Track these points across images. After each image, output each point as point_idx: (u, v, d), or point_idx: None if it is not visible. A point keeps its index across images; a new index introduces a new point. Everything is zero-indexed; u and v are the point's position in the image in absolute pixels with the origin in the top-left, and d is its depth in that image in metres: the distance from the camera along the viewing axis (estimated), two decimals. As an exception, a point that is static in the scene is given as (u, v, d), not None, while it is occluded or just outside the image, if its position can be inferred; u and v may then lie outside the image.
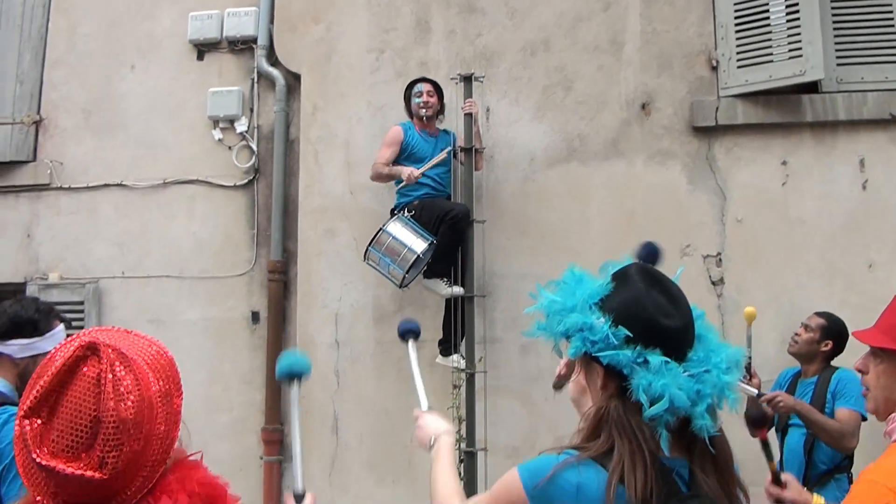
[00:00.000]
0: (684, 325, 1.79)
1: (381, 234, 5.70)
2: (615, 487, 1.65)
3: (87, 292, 7.07)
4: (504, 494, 1.82)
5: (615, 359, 1.74)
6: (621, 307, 1.78)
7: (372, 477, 6.19)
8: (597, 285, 1.85)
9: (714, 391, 1.74)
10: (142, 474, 1.49)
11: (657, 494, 1.64)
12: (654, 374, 1.70)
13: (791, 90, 5.83)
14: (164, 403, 1.55)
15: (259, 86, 7.07)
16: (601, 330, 1.76)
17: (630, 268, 1.88)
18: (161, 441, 1.52)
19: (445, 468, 2.21)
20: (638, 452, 1.67)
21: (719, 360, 1.78)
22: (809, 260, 5.73)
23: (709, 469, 1.75)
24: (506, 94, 6.25)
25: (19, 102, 7.58)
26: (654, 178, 5.96)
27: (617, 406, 1.74)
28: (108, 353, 1.49)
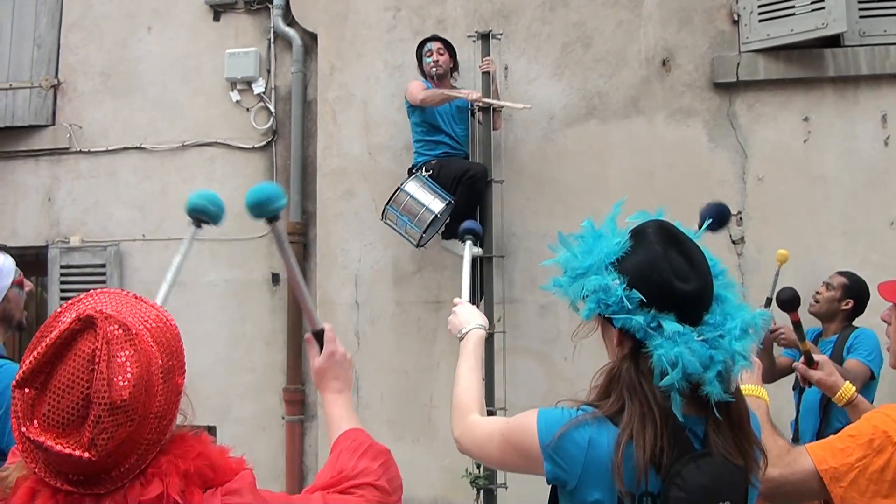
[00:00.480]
0: (700, 289, 1.75)
1: (399, 193, 5.68)
2: (625, 446, 1.65)
3: (109, 255, 7.13)
4: (518, 435, 1.83)
5: (628, 322, 1.72)
6: (636, 269, 1.75)
7: (391, 435, 6.23)
8: (614, 244, 1.81)
9: (726, 357, 1.71)
10: (136, 453, 1.42)
11: (668, 453, 1.65)
12: (667, 340, 1.68)
13: (813, 44, 5.73)
14: (165, 381, 1.46)
15: (276, 46, 7.05)
16: (615, 293, 1.73)
17: (648, 226, 1.83)
18: (158, 420, 1.44)
19: (469, 367, 2.24)
20: (648, 414, 1.67)
21: (733, 326, 1.74)
22: (830, 218, 5.68)
23: (723, 426, 1.73)
24: (524, 52, 6.19)
25: (37, 66, 7.60)
26: (675, 136, 5.90)
27: (629, 368, 1.73)
28: (107, 327, 1.40)
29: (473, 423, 2.05)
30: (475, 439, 2.01)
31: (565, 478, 1.72)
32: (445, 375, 6.10)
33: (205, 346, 6.87)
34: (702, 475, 1.65)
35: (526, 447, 1.79)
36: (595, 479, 1.69)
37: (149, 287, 7.12)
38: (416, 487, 6.18)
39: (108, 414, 1.35)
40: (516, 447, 1.84)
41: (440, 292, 6.19)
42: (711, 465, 1.68)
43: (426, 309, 6.24)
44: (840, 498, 1.98)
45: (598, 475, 1.68)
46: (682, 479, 1.64)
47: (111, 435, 1.35)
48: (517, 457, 1.84)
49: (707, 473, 1.66)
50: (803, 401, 4.64)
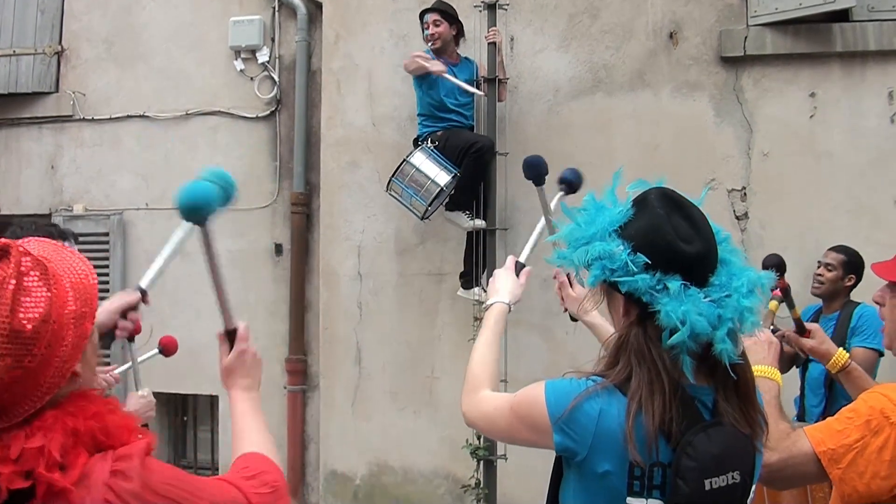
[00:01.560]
0: (705, 251, 1.76)
1: (405, 165, 5.67)
2: (634, 415, 1.65)
3: (112, 224, 7.14)
4: (526, 408, 1.83)
5: (633, 285, 1.72)
6: (640, 233, 1.76)
7: (394, 406, 6.27)
8: (616, 212, 1.83)
9: (735, 315, 1.72)
10: (34, 394, 1.39)
11: (678, 422, 1.65)
12: (674, 299, 1.69)
13: (821, 18, 5.67)
14: (76, 325, 1.44)
15: (280, 14, 7.00)
16: (620, 257, 1.74)
17: (650, 193, 1.85)
18: (61, 363, 1.42)
19: (486, 341, 2.22)
20: (657, 381, 1.67)
21: (740, 284, 1.75)
22: (835, 195, 5.65)
23: (731, 395, 1.74)
24: (531, 23, 6.14)
25: (40, 33, 7.57)
26: (681, 109, 5.86)
27: (637, 333, 1.74)
28: (23, 260, 1.40)
29: (483, 397, 2.05)
30: (484, 413, 2.01)
31: (575, 448, 1.72)
32: (447, 347, 6.13)
33: (207, 315, 6.82)
34: (712, 444, 1.66)
35: (534, 419, 1.79)
36: (605, 450, 1.68)
37: (152, 256, 7.03)
38: (416, 458, 6.22)
39: (8, 342, 1.34)
40: (525, 420, 1.83)
41: (443, 264, 6.19)
42: (721, 434, 1.68)
43: (429, 281, 6.24)
44: (839, 479, 1.99)
45: (608, 446, 1.68)
46: (692, 449, 1.64)
47: (10, 364, 1.34)
48: (526, 430, 1.84)
49: (717, 442, 1.66)
50: (807, 377, 4.65)
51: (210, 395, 6.98)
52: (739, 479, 1.70)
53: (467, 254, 5.87)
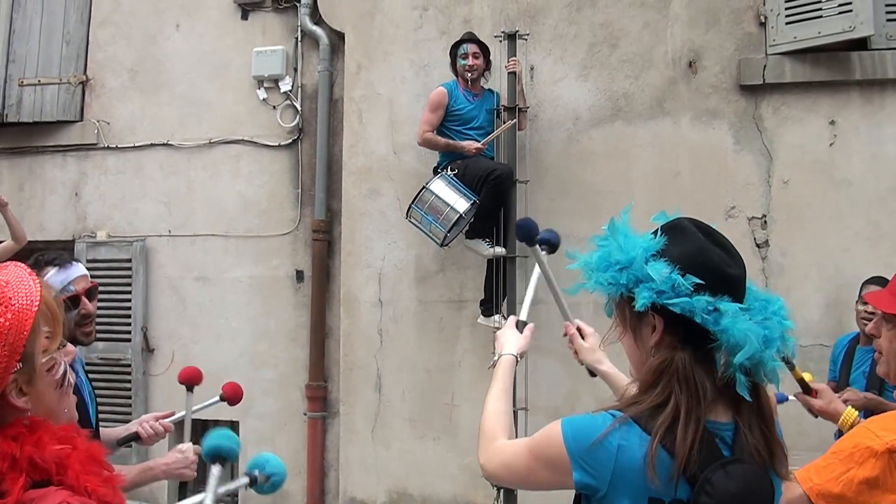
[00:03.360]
0: (742, 274, 1.75)
1: (424, 192, 5.70)
2: (657, 446, 1.61)
3: (135, 250, 7.20)
4: (545, 447, 1.78)
5: (689, 306, 1.67)
6: (686, 257, 1.73)
7: (413, 433, 6.27)
8: (647, 239, 1.79)
9: (780, 334, 1.71)
10: None
11: (697, 458, 1.61)
12: (731, 319, 1.66)
13: (840, 47, 5.71)
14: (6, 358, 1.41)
15: (303, 45, 7.09)
16: (668, 279, 1.70)
17: (682, 220, 1.83)
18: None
19: (497, 394, 2.18)
20: (695, 409, 1.65)
21: (778, 308, 1.75)
22: (855, 223, 5.65)
23: (755, 425, 1.71)
24: (550, 52, 6.20)
25: (66, 63, 7.68)
26: (700, 137, 5.89)
27: (682, 358, 1.69)
28: None
29: (499, 446, 1.99)
30: (502, 462, 1.95)
31: (595, 485, 1.68)
32: (467, 374, 6.13)
33: (229, 341, 6.93)
34: (731, 482, 1.62)
35: (553, 458, 1.75)
36: (625, 486, 1.65)
37: (174, 282, 7.24)
38: (436, 485, 6.21)
39: None
40: (543, 460, 1.79)
41: (462, 291, 6.21)
42: (740, 471, 1.64)
43: (449, 308, 6.26)
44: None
45: (628, 481, 1.65)
46: (711, 486, 1.61)
47: None
48: (545, 470, 1.79)
49: (736, 480, 1.62)
50: None
51: (231, 421, 6.99)
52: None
53: (487, 281, 5.89)
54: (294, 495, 6.77)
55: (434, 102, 5.87)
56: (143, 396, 7.09)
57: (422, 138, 5.90)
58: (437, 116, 5.86)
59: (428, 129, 5.85)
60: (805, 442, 5.37)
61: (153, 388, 7.14)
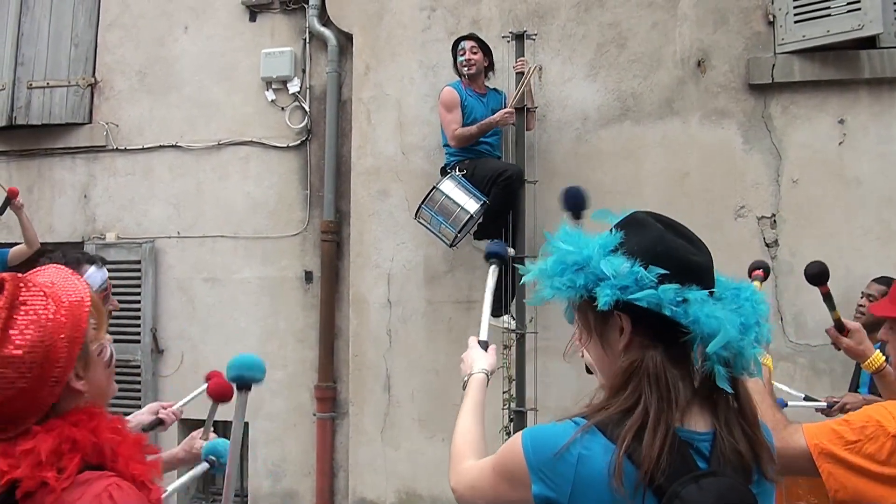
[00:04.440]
0: (708, 262, 1.65)
1: (435, 192, 5.70)
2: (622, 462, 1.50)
3: (144, 252, 7.22)
4: (506, 461, 1.71)
5: (655, 299, 1.56)
6: (646, 248, 1.61)
7: (423, 434, 6.27)
8: (603, 236, 1.67)
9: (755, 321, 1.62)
10: (32, 408, 1.55)
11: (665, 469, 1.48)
12: (701, 307, 1.56)
13: (849, 45, 5.69)
14: (68, 348, 1.58)
15: (311, 46, 7.10)
16: (630, 273, 1.58)
17: (636, 214, 1.72)
18: (54, 382, 1.56)
19: (468, 414, 2.11)
20: (665, 412, 1.53)
21: (749, 294, 1.64)
22: (865, 222, 5.63)
23: (735, 427, 1.60)
24: (559, 53, 6.19)
25: (74, 65, 7.70)
26: (710, 137, 5.88)
27: (653, 356, 1.58)
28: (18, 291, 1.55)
29: (467, 467, 1.92)
30: (469, 483, 1.87)
31: (555, 498, 1.57)
32: (476, 375, 6.11)
33: (238, 341, 6.94)
34: (703, 497, 1.47)
35: (512, 470, 1.67)
36: (586, 498, 1.55)
37: (183, 283, 7.25)
38: (445, 486, 6.16)
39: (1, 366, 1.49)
40: (505, 474, 1.71)
41: (471, 292, 6.21)
42: (716, 485, 1.50)
43: (457, 308, 6.26)
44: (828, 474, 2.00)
45: (590, 493, 1.54)
46: (680, 501, 1.47)
47: (4, 386, 1.50)
48: (508, 486, 1.70)
49: (710, 495, 1.47)
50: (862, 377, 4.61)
51: (240, 422, 7.00)
52: None
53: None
54: (303, 495, 6.78)
55: (449, 101, 5.83)
56: (153, 397, 7.09)
57: (455, 138, 5.78)
58: (458, 114, 5.81)
59: (456, 126, 5.78)
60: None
61: (162, 389, 7.15)
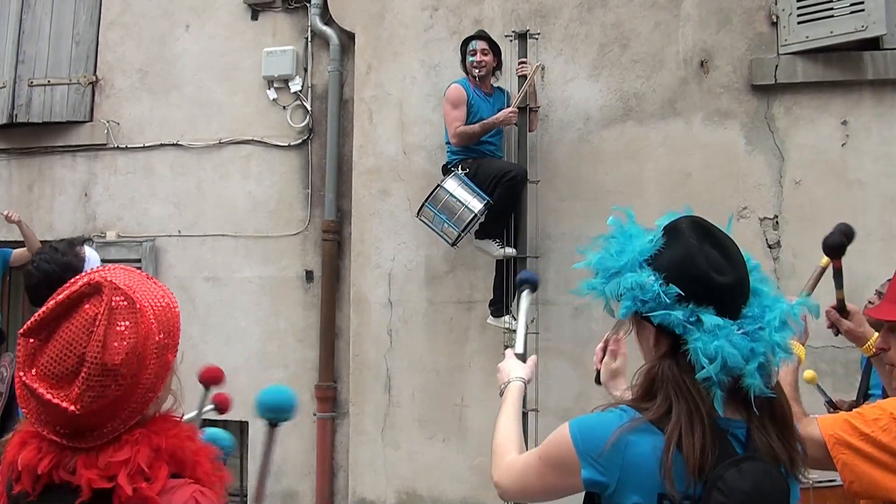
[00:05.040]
0: (738, 281, 1.73)
1: (439, 190, 5.67)
2: (673, 453, 1.61)
3: (144, 250, 7.21)
4: (554, 450, 1.79)
5: (667, 319, 1.69)
6: (672, 264, 1.73)
7: (423, 434, 6.26)
8: (646, 241, 1.79)
9: (767, 349, 1.69)
10: (120, 417, 1.53)
11: (711, 457, 1.60)
12: (707, 333, 1.65)
13: (852, 46, 5.68)
14: (158, 356, 1.57)
15: (313, 45, 7.09)
16: (652, 289, 1.70)
17: (681, 221, 1.82)
18: (145, 391, 1.56)
19: (508, 416, 2.15)
20: (696, 412, 1.63)
21: (773, 318, 1.71)
22: (868, 223, 5.60)
23: (768, 426, 1.70)
24: (561, 52, 6.18)
25: (75, 63, 7.69)
26: (712, 138, 5.87)
27: (670, 365, 1.69)
28: (112, 296, 1.53)
29: (511, 461, 1.99)
30: (515, 475, 1.94)
31: (605, 481, 1.68)
32: (477, 375, 6.12)
33: (238, 341, 6.93)
34: (743, 480, 1.61)
35: (563, 459, 1.75)
36: (634, 482, 1.65)
37: (183, 282, 7.23)
38: (445, 486, 6.20)
39: (98, 374, 1.47)
40: (554, 463, 1.79)
41: (472, 292, 6.20)
42: (754, 470, 1.63)
43: (458, 308, 6.25)
44: (843, 464, 2.03)
45: (638, 478, 1.65)
46: (723, 483, 1.59)
47: (98, 394, 1.48)
48: (556, 474, 1.79)
49: (749, 478, 1.61)
50: None
51: (240, 422, 6.98)
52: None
53: (497, 282, 5.87)
54: (303, 495, 6.76)
55: (455, 98, 5.80)
56: (153, 397, 7.09)
57: (456, 135, 5.75)
58: (462, 111, 5.77)
59: (459, 123, 5.75)
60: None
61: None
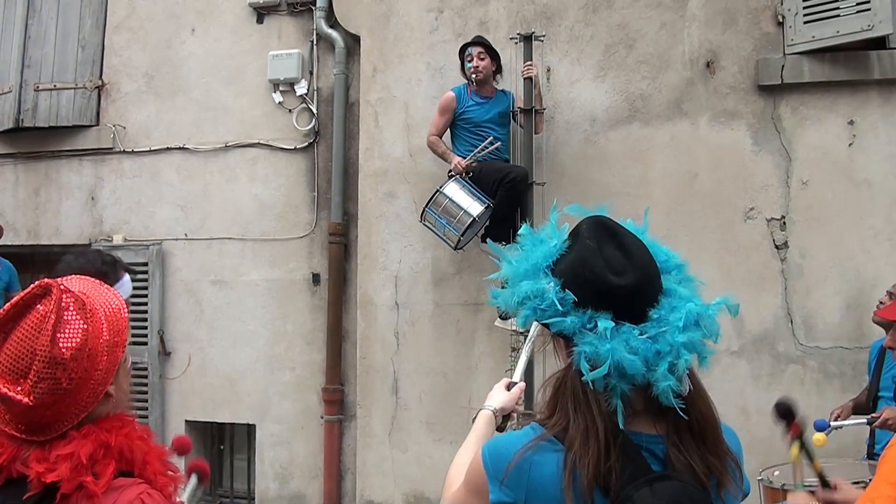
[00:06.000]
0: (638, 282, 1.64)
1: (439, 195, 5.68)
2: (572, 467, 1.56)
3: (151, 254, 7.21)
4: (471, 477, 1.77)
5: (562, 325, 1.63)
6: (569, 268, 1.67)
7: (431, 436, 6.25)
8: (552, 246, 1.74)
9: (672, 350, 1.59)
10: (72, 411, 1.62)
11: (618, 474, 1.54)
12: (598, 338, 1.59)
13: (858, 46, 5.66)
14: (109, 353, 1.66)
15: (318, 48, 7.08)
16: (549, 296, 1.65)
17: (583, 223, 1.76)
18: (96, 385, 1.64)
19: (468, 445, 2.09)
20: (591, 428, 1.58)
21: (677, 318, 1.62)
22: (875, 223, 5.60)
23: (686, 439, 1.62)
24: (567, 54, 6.17)
25: (81, 67, 7.70)
26: (719, 138, 5.85)
27: (573, 375, 1.64)
28: (63, 297, 1.63)
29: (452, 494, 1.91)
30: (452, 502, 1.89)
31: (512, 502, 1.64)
32: (484, 377, 6.11)
33: (246, 344, 6.94)
34: (657, 500, 1.52)
35: (476, 482, 1.73)
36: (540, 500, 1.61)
37: (190, 286, 7.25)
38: (454, 489, 6.18)
39: (48, 367, 1.57)
40: (472, 489, 1.77)
41: (479, 294, 6.19)
42: (670, 489, 1.54)
43: (465, 311, 6.24)
44: None
45: (543, 495, 1.60)
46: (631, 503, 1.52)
47: (50, 387, 1.57)
48: (474, 498, 1.76)
49: (664, 498, 1.52)
50: None
51: (247, 424, 7.00)
52: None
53: (504, 284, 5.85)
54: (311, 498, 6.77)
55: (443, 106, 5.94)
56: (160, 400, 7.10)
57: (428, 141, 6.01)
58: (445, 120, 5.93)
59: (434, 132, 5.97)
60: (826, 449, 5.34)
61: (169, 392, 7.15)
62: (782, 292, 5.59)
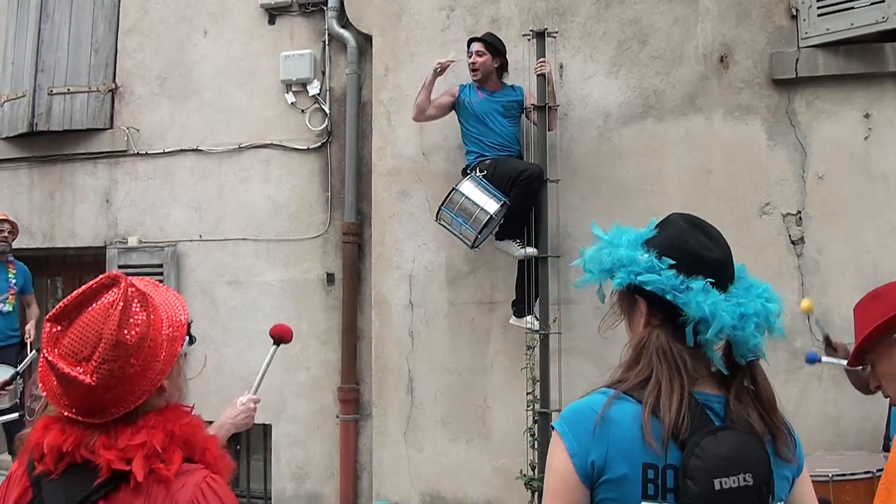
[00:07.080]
0: (725, 258, 1.86)
1: (454, 193, 5.67)
2: (650, 413, 1.71)
3: (166, 255, 7.24)
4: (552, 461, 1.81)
5: (659, 283, 1.79)
6: (664, 242, 1.86)
7: (446, 435, 6.24)
8: (639, 232, 1.93)
9: (760, 312, 1.80)
10: (131, 396, 1.70)
11: (687, 426, 1.69)
12: (695, 293, 1.76)
13: (873, 38, 5.59)
14: (168, 345, 1.76)
15: (330, 48, 7.09)
16: (646, 261, 1.83)
17: (672, 215, 1.95)
18: (155, 374, 1.73)
19: None
20: (676, 378, 1.73)
21: (761, 291, 1.85)
22: (892, 217, 5.54)
23: (747, 402, 1.79)
24: (579, 50, 6.14)
25: (95, 71, 7.74)
26: (733, 133, 5.81)
27: (659, 334, 1.80)
28: (129, 289, 1.73)
29: None
30: None
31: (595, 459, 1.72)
32: (499, 376, 6.10)
33: (261, 344, 6.88)
34: (720, 446, 1.68)
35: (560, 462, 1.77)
36: (620, 455, 1.71)
37: (205, 287, 7.27)
38: (469, 488, 6.18)
39: (112, 349, 1.66)
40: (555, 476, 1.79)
41: (494, 293, 6.18)
42: (730, 437, 1.71)
43: (480, 309, 6.23)
44: None
45: (622, 449, 1.71)
46: (701, 450, 1.67)
47: (112, 369, 1.66)
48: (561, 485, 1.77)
49: (726, 445, 1.69)
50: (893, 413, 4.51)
51: (263, 424, 7.01)
52: (752, 481, 1.69)
53: (519, 282, 5.86)
54: (327, 498, 6.77)
55: (445, 90, 6.05)
56: (177, 401, 7.11)
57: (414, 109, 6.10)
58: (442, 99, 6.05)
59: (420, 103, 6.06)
60: (844, 442, 5.30)
61: (186, 392, 7.16)
62: (799, 288, 5.54)
